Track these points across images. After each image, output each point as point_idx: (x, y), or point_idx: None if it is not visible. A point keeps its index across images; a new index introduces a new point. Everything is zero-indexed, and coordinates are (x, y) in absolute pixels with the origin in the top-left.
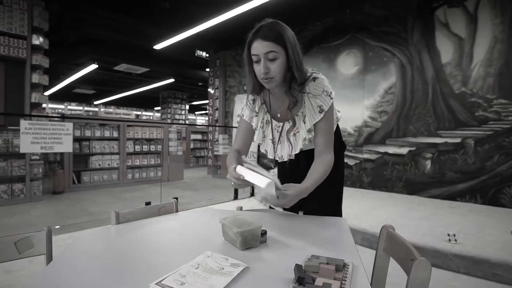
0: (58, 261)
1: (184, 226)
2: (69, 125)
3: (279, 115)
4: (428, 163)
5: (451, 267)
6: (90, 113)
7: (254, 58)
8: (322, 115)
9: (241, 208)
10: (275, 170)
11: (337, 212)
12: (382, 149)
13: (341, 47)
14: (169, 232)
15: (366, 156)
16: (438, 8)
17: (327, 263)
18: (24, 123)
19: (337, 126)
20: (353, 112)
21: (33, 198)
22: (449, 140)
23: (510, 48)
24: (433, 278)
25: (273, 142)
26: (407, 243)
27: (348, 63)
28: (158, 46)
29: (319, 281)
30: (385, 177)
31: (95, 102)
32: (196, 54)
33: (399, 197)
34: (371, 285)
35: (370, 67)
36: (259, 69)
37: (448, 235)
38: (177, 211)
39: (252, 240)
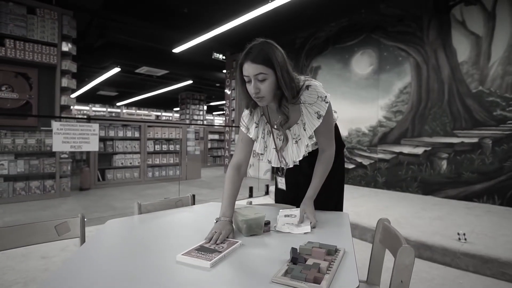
0: (91, 242)
1: (199, 216)
2: (95, 126)
3: (276, 127)
4: (444, 163)
5: (460, 266)
6: (113, 114)
7: (245, 78)
8: (320, 120)
9: (250, 203)
10: (283, 178)
11: (339, 207)
12: (397, 149)
13: (356, 47)
14: (185, 221)
15: (380, 156)
16: (454, 6)
17: (320, 247)
18: (56, 124)
19: (336, 127)
20: (368, 112)
21: (62, 193)
22: (466, 140)
23: None
24: (442, 275)
25: (277, 150)
26: (398, 234)
27: (362, 63)
28: (176, 50)
29: (310, 261)
30: (400, 177)
31: (118, 104)
32: (213, 57)
33: (414, 197)
34: (368, 272)
35: (385, 67)
36: (250, 88)
37: (458, 234)
38: (193, 204)
39: (256, 228)
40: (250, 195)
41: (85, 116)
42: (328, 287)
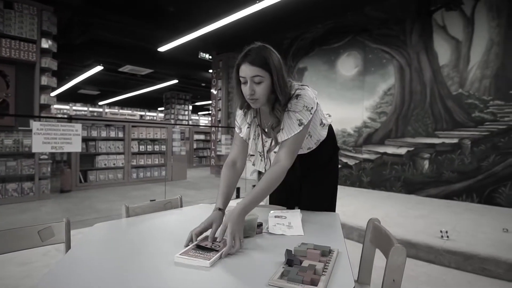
0: (78, 247)
1: (190, 218)
2: (78, 126)
3: (266, 130)
4: (426, 163)
5: (443, 262)
6: (95, 114)
7: (242, 79)
8: (301, 128)
9: None
10: None
11: (331, 209)
12: (381, 149)
13: (342, 49)
14: (175, 223)
15: (365, 156)
16: (436, 11)
17: (314, 249)
18: (36, 124)
19: (331, 129)
20: (353, 113)
21: (41, 196)
22: (447, 141)
23: (506, 51)
24: (426, 272)
25: (260, 155)
26: (389, 233)
27: (348, 65)
28: (162, 48)
29: (305, 263)
30: (384, 177)
31: (100, 103)
32: (199, 56)
33: (398, 197)
34: (358, 272)
35: (370, 69)
36: (245, 90)
37: (441, 232)
38: (181, 206)
39: (249, 230)
40: (237, 196)
41: (66, 116)
42: None
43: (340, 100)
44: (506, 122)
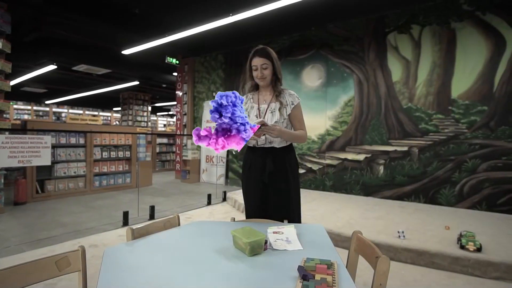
0: (105, 277)
1: (197, 237)
2: (47, 138)
3: (264, 102)
4: (381, 168)
5: (401, 259)
6: (40, 113)
7: (253, 67)
8: (293, 106)
9: (234, 219)
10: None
11: (299, 217)
12: (342, 155)
13: (306, 61)
14: (187, 243)
15: (328, 161)
16: (389, 33)
17: (320, 263)
18: (1, 137)
19: (294, 150)
20: (317, 121)
21: None
22: (398, 148)
23: (445, 72)
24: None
25: (257, 117)
26: (372, 244)
27: (312, 76)
28: (127, 52)
29: (318, 276)
30: (345, 181)
31: (47, 102)
32: (166, 61)
33: (357, 199)
34: None
35: (332, 81)
36: (256, 73)
37: (398, 232)
38: (179, 224)
39: (258, 248)
40: (209, 203)
41: (19, 125)
42: None
43: (305, 109)
44: (445, 133)
